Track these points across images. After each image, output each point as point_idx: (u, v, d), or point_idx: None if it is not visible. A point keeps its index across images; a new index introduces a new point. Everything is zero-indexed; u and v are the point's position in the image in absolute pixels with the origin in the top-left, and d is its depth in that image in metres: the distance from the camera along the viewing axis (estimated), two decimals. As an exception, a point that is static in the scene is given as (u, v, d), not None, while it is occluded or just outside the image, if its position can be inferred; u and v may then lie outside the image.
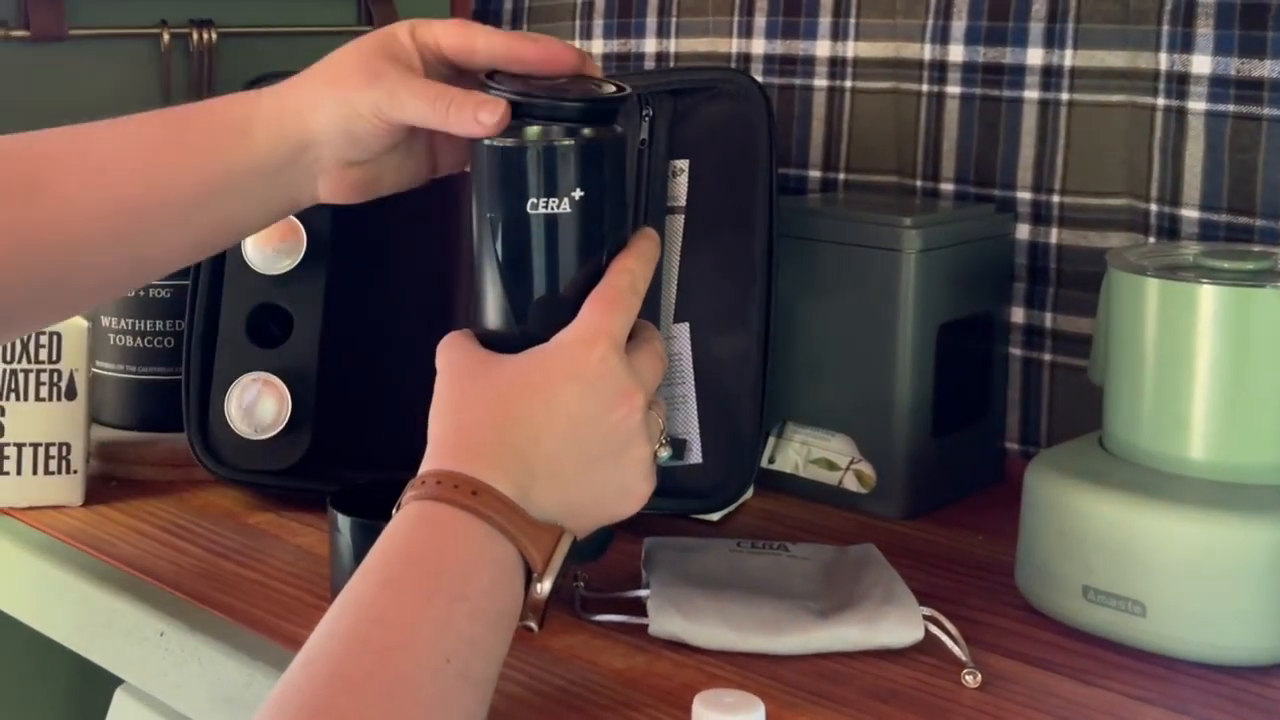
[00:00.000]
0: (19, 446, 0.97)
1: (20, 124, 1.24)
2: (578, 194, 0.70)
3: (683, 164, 0.97)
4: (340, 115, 0.72)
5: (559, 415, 0.67)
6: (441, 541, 0.63)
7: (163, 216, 0.74)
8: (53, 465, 0.98)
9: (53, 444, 0.98)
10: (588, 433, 0.67)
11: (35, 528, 0.96)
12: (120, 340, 1.10)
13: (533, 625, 0.66)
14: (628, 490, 0.69)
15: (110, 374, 1.10)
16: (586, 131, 0.70)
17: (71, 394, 0.98)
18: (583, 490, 0.67)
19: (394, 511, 0.65)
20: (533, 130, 0.70)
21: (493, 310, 0.71)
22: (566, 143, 0.69)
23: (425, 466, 0.66)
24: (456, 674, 0.59)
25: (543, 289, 0.70)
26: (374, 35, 0.74)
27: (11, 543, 0.95)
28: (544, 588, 0.65)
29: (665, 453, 0.71)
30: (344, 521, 0.81)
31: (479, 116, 0.69)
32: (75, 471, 0.98)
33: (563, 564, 0.65)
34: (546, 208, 0.70)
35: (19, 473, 0.97)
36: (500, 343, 0.71)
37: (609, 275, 0.70)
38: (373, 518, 0.78)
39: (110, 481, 1.04)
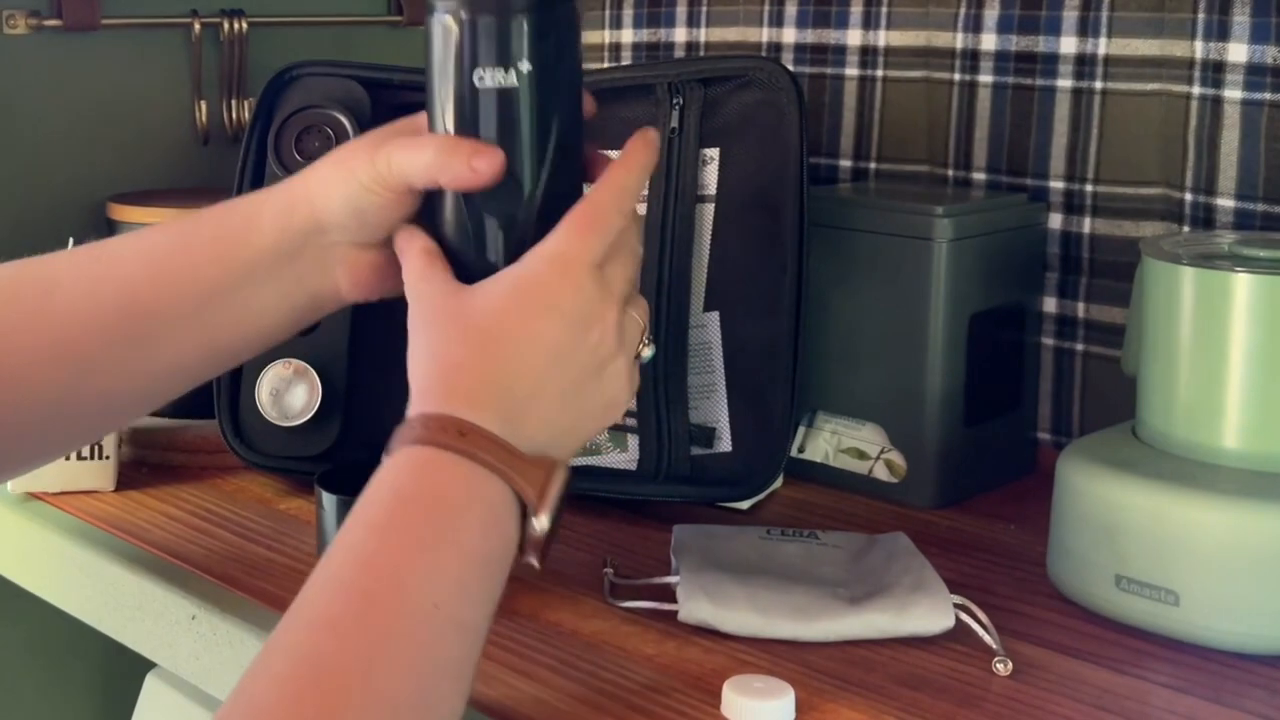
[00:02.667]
0: (52, 432, 0.98)
1: (53, 113, 1.25)
2: (525, 67, 0.68)
3: (713, 152, 0.97)
4: (347, 193, 0.71)
5: (539, 347, 0.66)
6: (430, 484, 0.61)
7: (175, 311, 0.72)
8: (85, 451, 0.98)
9: (85, 429, 0.98)
10: (568, 359, 0.66)
11: (68, 512, 0.96)
12: (152, 327, 1.10)
13: (534, 561, 0.64)
14: (609, 403, 0.69)
15: (142, 361, 1.11)
16: (535, 4, 0.68)
17: (104, 380, 0.98)
18: (568, 416, 0.67)
19: (383, 458, 0.63)
20: None
21: (445, 198, 0.70)
22: (514, 10, 0.68)
23: (410, 411, 0.64)
24: (446, 619, 0.58)
25: None
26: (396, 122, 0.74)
27: (44, 527, 0.95)
28: (542, 523, 0.63)
29: (648, 351, 0.71)
30: (329, 500, 0.82)
31: (473, 164, 0.68)
32: (107, 457, 0.99)
33: (559, 498, 0.64)
34: (493, 80, 0.68)
35: (52, 458, 0.98)
36: (451, 231, 0.70)
37: (595, 190, 0.69)
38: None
39: (142, 468, 1.05)
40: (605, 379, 0.68)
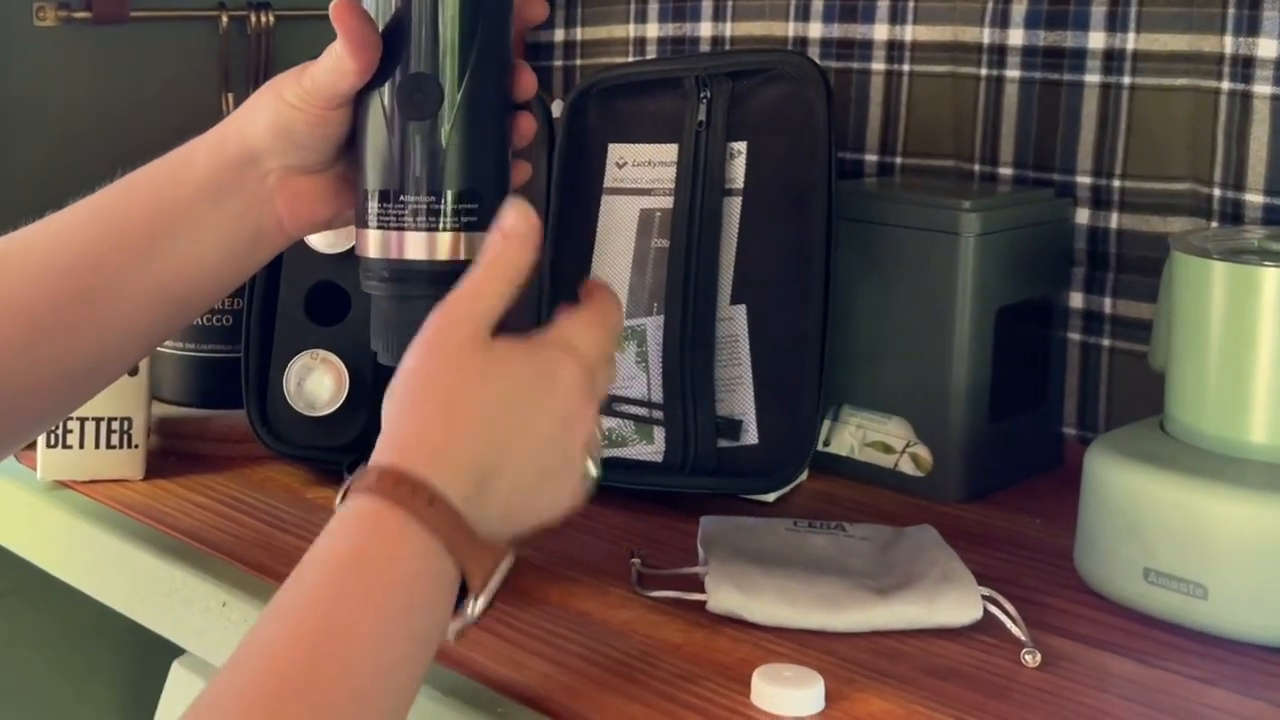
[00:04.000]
0: (81, 421, 0.98)
1: (81, 106, 1.26)
2: None
3: (740, 146, 0.97)
4: (275, 114, 0.71)
5: (530, 438, 0.64)
6: (392, 550, 0.59)
7: (120, 262, 0.72)
8: (114, 440, 0.99)
9: (114, 419, 0.99)
10: (547, 454, 0.64)
11: (96, 500, 0.97)
12: (180, 318, 1.11)
13: (452, 636, 0.62)
14: (558, 504, 0.66)
15: (170, 351, 1.11)
16: None
17: (133, 370, 0.99)
18: (528, 508, 0.65)
19: (341, 498, 0.61)
20: None
21: (369, 105, 0.70)
22: None
23: (381, 454, 0.61)
24: (391, 689, 0.57)
25: (414, 66, 0.69)
26: None
27: (73, 515, 0.96)
28: (477, 608, 0.61)
29: (595, 471, 0.68)
30: None
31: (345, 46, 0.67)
32: (136, 446, 0.99)
33: (498, 586, 0.62)
34: None
35: (81, 446, 0.98)
36: (371, 139, 0.69)
37: (603, 288, 0.68)
38: None
39: (170, 456, 1.05)
40: (565, 479, 0.65)
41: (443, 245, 0.69)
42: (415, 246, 0.69)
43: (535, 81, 0.73)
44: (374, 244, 0.71)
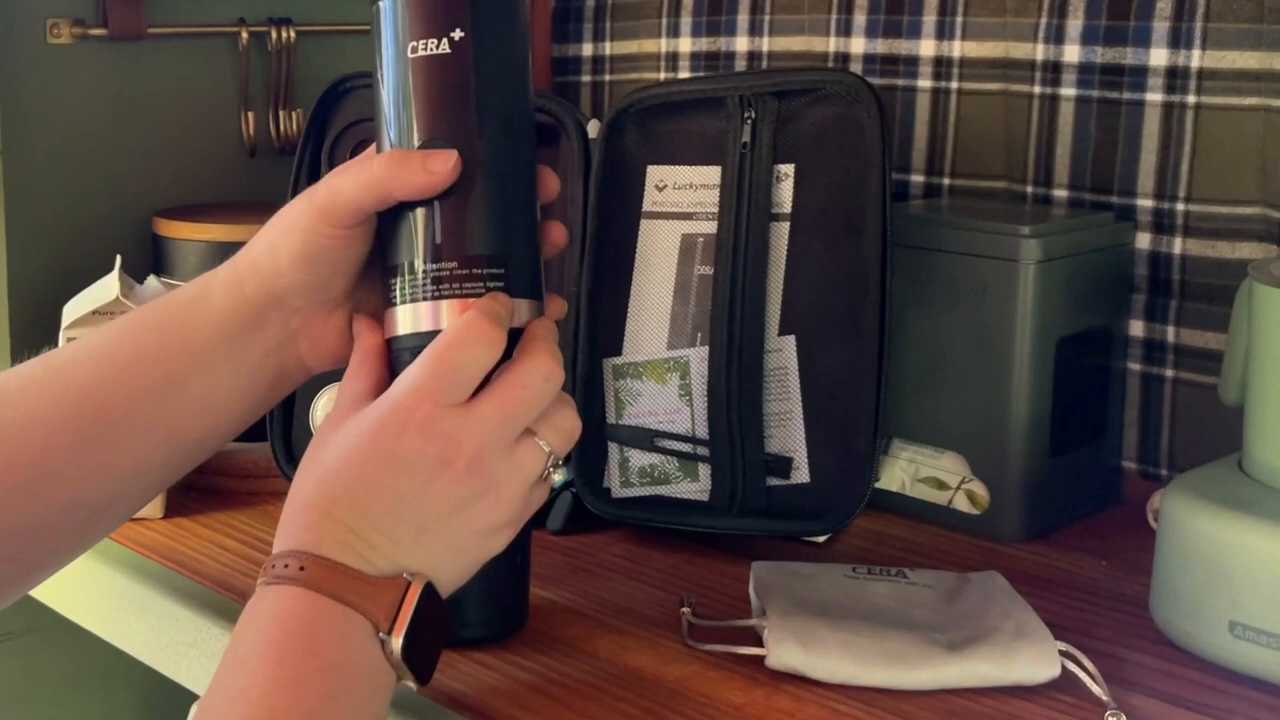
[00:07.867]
0: (99, 457, 0.94)
1: (101, 123, 1.22)
2: (457, 34, 0.67)
3: (788, 169, 0.93)
4: (292, 246, 0.68)
5: (389, 490, 0.63)
6: (285, 619, 0.61)
7: (125, 409, 0.68)
8: (134, 476, 0.95)
9: (134, 454, 0.94)
10: (412, 504, 0.63)
11: (116, 541, 0.93)
12: (200, 347, 1.07)
13: (411, 684, 0.62)
14: (489, 531, 0.65)
15: (190, 381, 1.07)
16: None
17: (154, 403, 0.94)
18: (432, 550, 0.63)
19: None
20: None
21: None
22: None
23: (291, 543, 0.63)
24: None
25: (425, 134, 0.67)
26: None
27: (92, 556, 0.91)
28: (397, 644, 0.61)
29: (557, 477, 0.69)
30: None
31: (429, 166, 0.66)
32: (157, 483, 0.95)
33: (436, 614, 0.62)
34: (425, 49, 0.67)
35: (99, 484, 0.94)
36: (396, 226, 0.68)
37: (454, 328, 0.65)
38: None
39: (190, 492, 1.01)
40: (470, 519, 0.64)
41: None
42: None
43: (558, 186, 0.72)
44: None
